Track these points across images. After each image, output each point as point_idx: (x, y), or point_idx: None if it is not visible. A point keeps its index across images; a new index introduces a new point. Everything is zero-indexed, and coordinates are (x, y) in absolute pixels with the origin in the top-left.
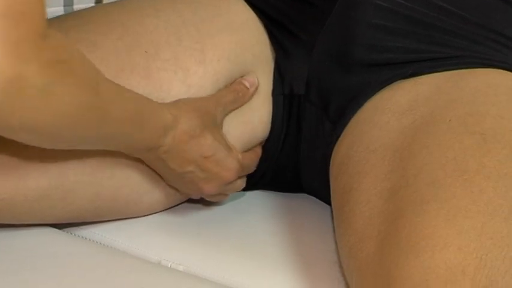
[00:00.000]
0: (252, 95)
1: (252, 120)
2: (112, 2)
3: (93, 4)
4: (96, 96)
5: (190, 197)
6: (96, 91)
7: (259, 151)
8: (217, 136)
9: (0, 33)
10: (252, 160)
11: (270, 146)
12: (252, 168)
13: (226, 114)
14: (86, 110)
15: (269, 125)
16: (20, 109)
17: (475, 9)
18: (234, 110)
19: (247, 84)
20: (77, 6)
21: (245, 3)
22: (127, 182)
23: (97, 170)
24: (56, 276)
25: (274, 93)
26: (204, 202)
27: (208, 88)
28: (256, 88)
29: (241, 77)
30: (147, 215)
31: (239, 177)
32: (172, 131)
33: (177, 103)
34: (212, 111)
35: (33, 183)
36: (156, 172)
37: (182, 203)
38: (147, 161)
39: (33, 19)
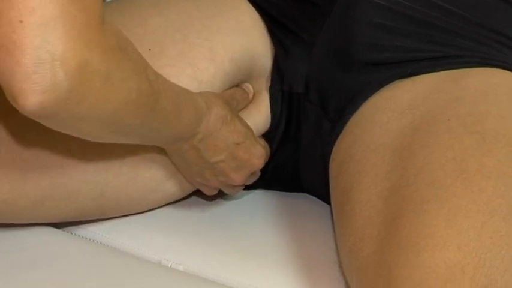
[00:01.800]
0: (251, 100)
1: (253, 114)
2: (112, 2)
3: None
4: (148, 82)
5: (203, 193)
6: (147, 77)
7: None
8: (244, 123)
9: (65, 19)
10: (268, 148)
11: (270, 143)
12: (268, 155)
13: (238, 110)
14: (143, 97)
15: (269, 120)
16: (88, 96)
17: (475, 8)
18: (241, 108)
19: (246, 89)
20: None
21: (247, 1)
22: (132, 181)
23: (102, 169)
24: (55, 276)
25: (273, 90)
26: (206, 198)
27: (219, 87)
28: (253, 94)
29: (242, 84)
30: (149, 211)
31: (266, 160)
32: (205, 118)
33: (204, 92)
34: (232, 102)
35: (34, 183)
36: (162, 172)
37: (183, 199)
38: (176, 153)
39: (93, 5)
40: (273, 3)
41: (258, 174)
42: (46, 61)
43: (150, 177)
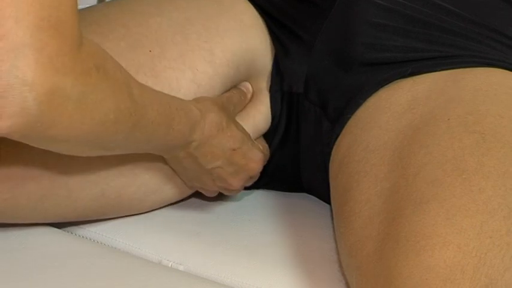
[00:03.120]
0: (250, 100)
1: (253, 114)
2: (113, 1)
3: (95, 2)
4: (131, 100)
5: (203, 194)
6: (130, 95)
7: (265, 144)
8: (241, 128)
9: (35, 46)
10: (268, 150)
11: (270, 143)
12: (267, 158)
13: (237, 113)
14: (122, 115)
15: (269, 119)
16: (59, 120)
17: (476, 8)
18: (239, 111)
19: (245, 90)
20: (80, 7)
21: (246, 0)
22: (133, 181)
23: (102, 169)
24: (55, 276)
25: (273, 90)
26: (206, 198)
27: (218, 89)
28: (252, 94)
29: (241, 83)
30: (149, 211)
31: (265, 163)
32: (200, 125)
33: (199, 99)
34: (228, 107)
35: (34, 182)
36: (164, 172)
37: (183, 200)
38: (173, 160)
39: (67, 30)
40: (272, 3)
41: (257, 176)
42: (15, 86)
43: (150, 178)
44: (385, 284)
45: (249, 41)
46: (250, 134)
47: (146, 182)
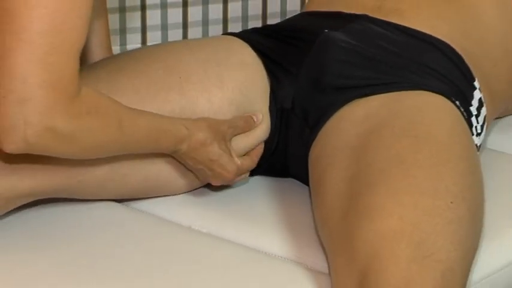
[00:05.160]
0: (256, 126)
1: (257, 128)
2: (155, 44)
3: (139, 45)
4: (120, 132)
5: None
6: (120, 128)
7: (260, 149)
8: (223, 147)
9: (36, 100)
10: (253, 161)
11: (266, 146)
12: (253, 166)
13: (236, 134)
14: (110, 144)
15: (269, 128)
16: (51, 147)
17: (409, 49)
18: (241, 133)
19: (255, 119)
20: (129, 46)
21: (248, 46)
22: (165, 167)
23: (144, 158)
24: (116, 237)
25: (270, 107)
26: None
27: (224, 108)
28: (260, 122)
29: (253, 113)
30: (181, 193)
31: (243, 173)
32: (187, 140)
33: (197, 120)
34: (224, 129)
35: (100, 168)
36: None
37: (204, 186)
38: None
39: (64, 87)
40: (266, 46)
41: (246, 176)
42: (18, 126)
43: (178, 166)
44: (348, 244)
45: (251, 76)
46: (253, 141)
47: (175, 168)
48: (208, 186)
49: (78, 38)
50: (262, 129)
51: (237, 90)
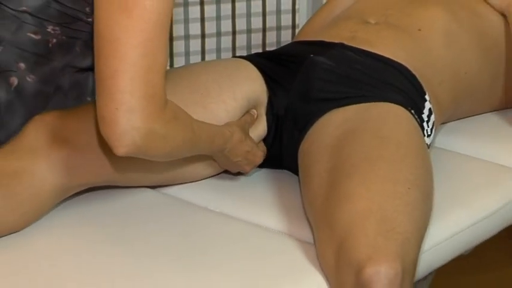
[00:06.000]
0: (256, 119)
1: (258, 128)
2: (180, 66)
3: (168, 67)
4: (193, 133)
5: (229, 171)
6: (192, 130)
7: (263, 146)
8: (251, 139)
9: (140, 109)
10: (265, 150)
11: (266, 144)
12: (265, 152)
13: (249, 129)
14: (187, 142)
15: (266, 131)
16: (152, 147)
17: (376, 70)
18: (251, 126)
19: (253, 114)
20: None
21: (252, 65)
22: (191, 159)
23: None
24: (151, 219)
25: (268, 114)
26: (233, 174)
27: (237, 115)
28: (257, 116)
29: (250, 110)
30: (201, 179)
31: (263, 158)
32: (230, 141)
33: (230, 124)
34: (246, 127)
35: (136, 162)
36: (209, 160)
37: (219, 173)
38: (216, 157)
39: (159, 99)
40: (266, 66)
41: (259, 163)
42: (128, 131)
43: (199, 158)
44: (328, 223)
45: (255, 87)
46: (256, 140)
47: (197, 160)
48: (222, 176)
49: (165, 59)
50: (262, 129)
51: (245, 99)
